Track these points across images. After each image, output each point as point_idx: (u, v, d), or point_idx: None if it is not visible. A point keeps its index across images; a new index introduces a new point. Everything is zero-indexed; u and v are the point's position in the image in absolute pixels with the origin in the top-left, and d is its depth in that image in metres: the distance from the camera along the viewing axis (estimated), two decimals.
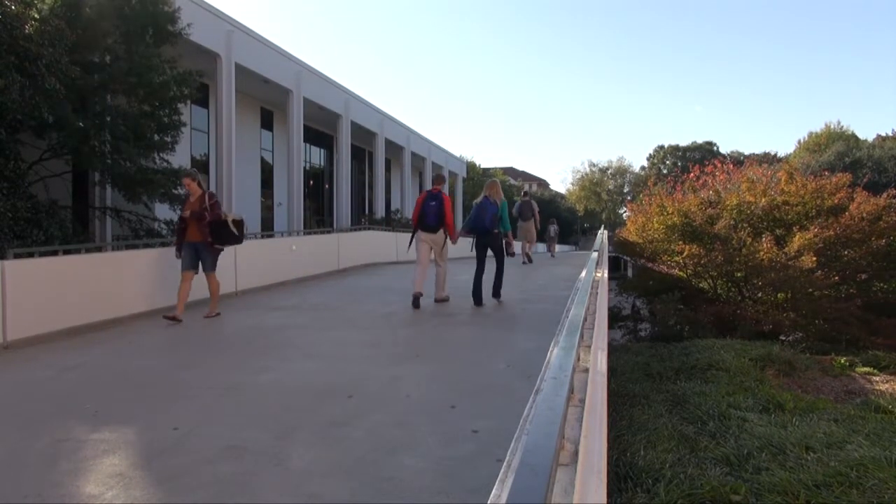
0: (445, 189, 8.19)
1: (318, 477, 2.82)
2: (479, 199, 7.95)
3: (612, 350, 10.07)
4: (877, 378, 8.63)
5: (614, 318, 14.70)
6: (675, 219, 14.56)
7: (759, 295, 13.53)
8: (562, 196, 67.71)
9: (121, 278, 7.42)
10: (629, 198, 54.85)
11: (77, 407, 3.99)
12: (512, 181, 55.67)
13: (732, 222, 13.89)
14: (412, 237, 8.17)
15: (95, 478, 2.85)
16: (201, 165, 16.94)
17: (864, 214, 12.96)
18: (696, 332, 11.91)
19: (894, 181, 25.25)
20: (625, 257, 22.94)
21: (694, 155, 55.52)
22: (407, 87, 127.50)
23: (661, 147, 64.22)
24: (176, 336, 6.51)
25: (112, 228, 12.45)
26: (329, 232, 15.52)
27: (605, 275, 6.92)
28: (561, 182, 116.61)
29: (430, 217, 7.81)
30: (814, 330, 12.42)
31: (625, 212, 48.12)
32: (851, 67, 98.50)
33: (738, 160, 35.19)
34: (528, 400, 1.73)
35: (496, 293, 8.12)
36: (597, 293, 4.58)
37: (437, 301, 8.11)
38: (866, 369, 9.03)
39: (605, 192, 66.40)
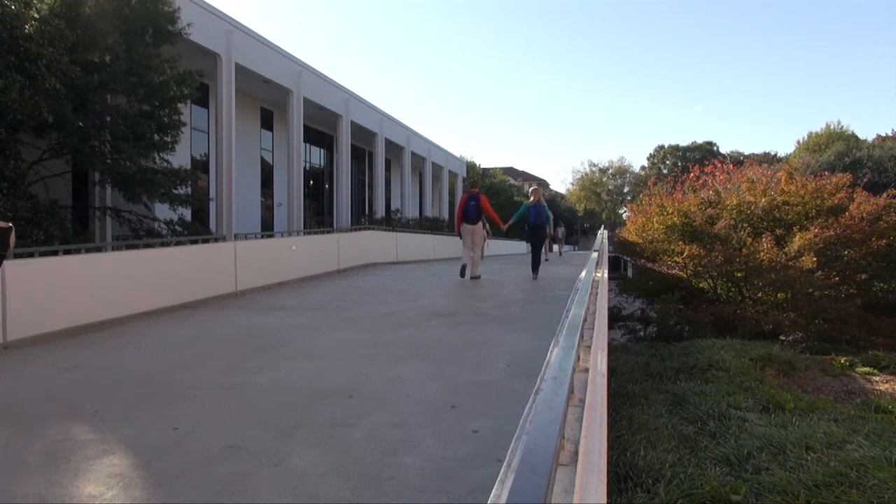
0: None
1: (318, 477, 2.82)
2: (530, 203, 10.71)
3: (612, 350, 10.08)
4: (877, 378, 8.62)
5: (614, 318, 14.69)
6: (675, 219, 14.55)
7: (759, 295, 13.52)
8: (562, 196, 67.67)
9: (120, 278, 7.42)
10: (629, 198, 54.85)
11: (77, 407, 3.99)
12: (512, 181, 55.62)
13: (732, 222, 13.88)
14: (458, 231, 10.63)
15: (95, 478, 2.85)
16: (201, 165, 16.95)
17: (865, 214, 12.94)
18: (696, 332, 11.89)
19: (894, 181, 25.26)
20: (625, 257, 22.93)
21: (694, 155, 55.48)
22: (407, 87, 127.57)
23: (661, 147, 64.19)
24: (175, 336, 6.51)
25: (112, 228, 12.44)
26: (329, 232, 15.52)
27: (605, 275, 6.92)
28: (561, 182, 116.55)
29: (471, 213, 10.28)
30: (814, 330, 12.40)
31: (625, 212, 48.10)
32: (851, 67, 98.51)
33: (738, 160, 35.22)
34: (528, 400, 1.73)
35: (537, 269, 11.17)
36: (597, 293, 4.58)
37: (472, 278, 10.61)
38: (866, 369, 9.01)
39: (605, 192, 66.38)
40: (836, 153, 35.68)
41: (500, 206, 36.59)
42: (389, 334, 6.19)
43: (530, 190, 11.24)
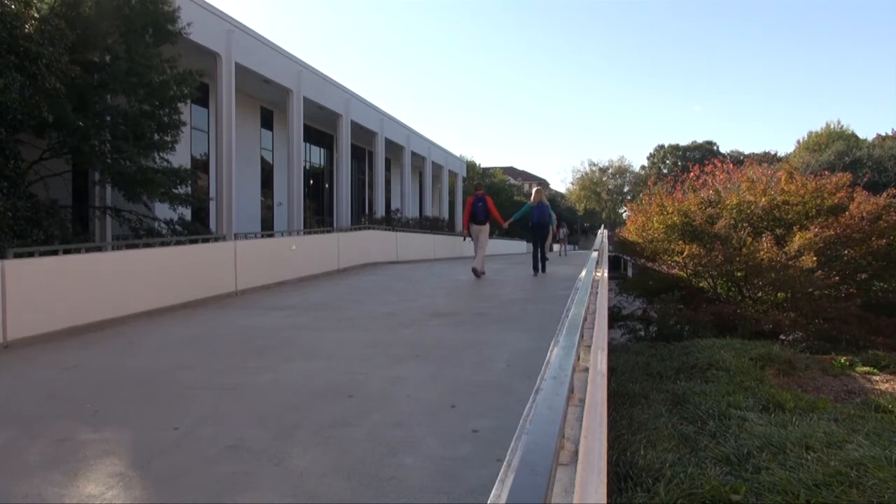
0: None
1: (318, 477, 2.82)
2: (533, 203, 11.21)
3: (612, 350, 10.08)
4: (877, 378, 8.62)
5: (614, 317, 14.69)
6: (675, 218, 14.54)
7: (759, 294, 13.51)
8: (562, 196, 67.69)
9: (121, 278, 7.42)
10: (629, 197, 54.84)
11: (77, 407, 3.99)
12: (512, 181, 55.62)
13: (732, 222, 13.87)
14: (467, 233, 11.20)
15: (95, 478, 2.85)
16: (201, 165, 16.95)
17: (865, 214, 12.94)
18: (696, 331, 11.88)
19: (894, 181, 25.25)
20: (625, 257, 22.91)
21: (694, 154, 55.49)
22: (406, 87, 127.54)
23: (661, 147, 64.18)
24: (175, 336, 6.51)
25: (112, 228, 12.44)
26: (329, 232, 15.52)
27: (605, 274, 6.92)
28: (561, 182, 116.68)
29: (479, 214, 10.89)
30: (814, 329, 12.39)
31: (625, 211, 48.09)
32: (851, 67, 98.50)
33: (738, 160, 35.22)
34: (528, 400, 1.73)
35: (544, 268, 11.74)
36: (597, 293, 4.57)
37: (478, 274, 11.06)
38: (866, 369, 9.01)
39: (605, 191, 66.37)
40: (836, 153, 35.69)
41: (500, 205, 36.51)
42: (389, 334, 6.19)
43: (533, 190, 11.78)
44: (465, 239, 11.64)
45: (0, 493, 2.73)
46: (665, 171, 54.74)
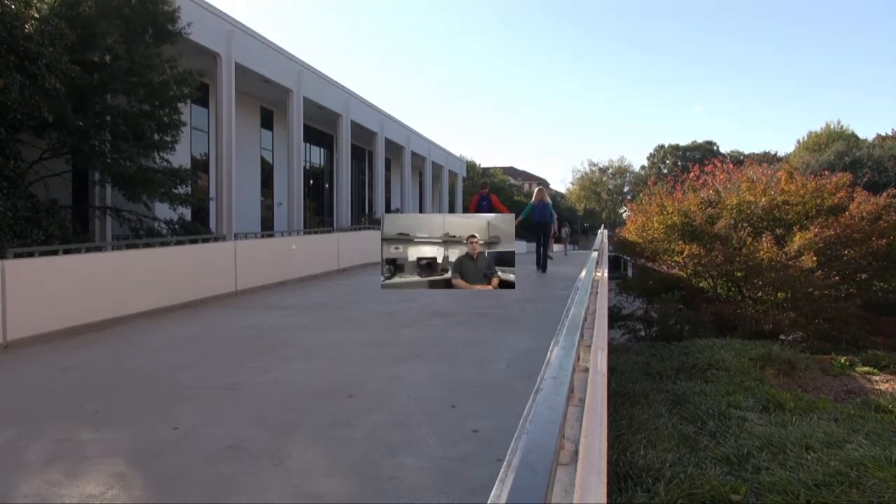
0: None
1: (318, 477, 2.82)
2: (535, 202, 11.48)
3: (612, 350, 10.08)
4: (877, 378, 8.63)
5: (614, 317, 14.69)
6: (675, 218, 14.55)
7: (759, 294, 13.52)
8: (562, 196, 67.68)
9: (121, 278, 7.41)
10: (629, 197, 54.82)
11: (77, 407, 3.99)
12: (512, 181, 55.62)
13: (732, 222, 13.89)
14: None
15: (95, 478, 2.85)
16: (201, 165, 16.94)
17: (865, 214, 12.95)
18: (696, 331, 11.90)
19: (894, 181, 25.25)
20: (625, 257, 22.91)
21: (694, 154, 55.45)
22: (407, 86, 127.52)
23: (661, 147, 64.15)
24: (176, 336, 6.50)
25: (112, 228, 12.45)
26: (329, 232, 15.51)
27: (605, 274, 6.92)
28: (561, 182, 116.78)
29: (484, 212, 10.73)
30: (814, 329, 12.41)
31: (625, 211, 48.06)
32: (851, 67, 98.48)
33: (738, 160, 35.19)
34: (528, 399, 1.73)
35: (545, 268, 11.88)
36: (597, 293, 4.57)
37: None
38: (866, 369, 9.02)
39: (605, 191, 66.36)
40: (836, 153, 35.68)
41: None
42: (389, 334, 6.19)
43: (535, 190, 12.10)
44: None
45: (0, 493, 2.73)
46: (665, 171, 54.72)
